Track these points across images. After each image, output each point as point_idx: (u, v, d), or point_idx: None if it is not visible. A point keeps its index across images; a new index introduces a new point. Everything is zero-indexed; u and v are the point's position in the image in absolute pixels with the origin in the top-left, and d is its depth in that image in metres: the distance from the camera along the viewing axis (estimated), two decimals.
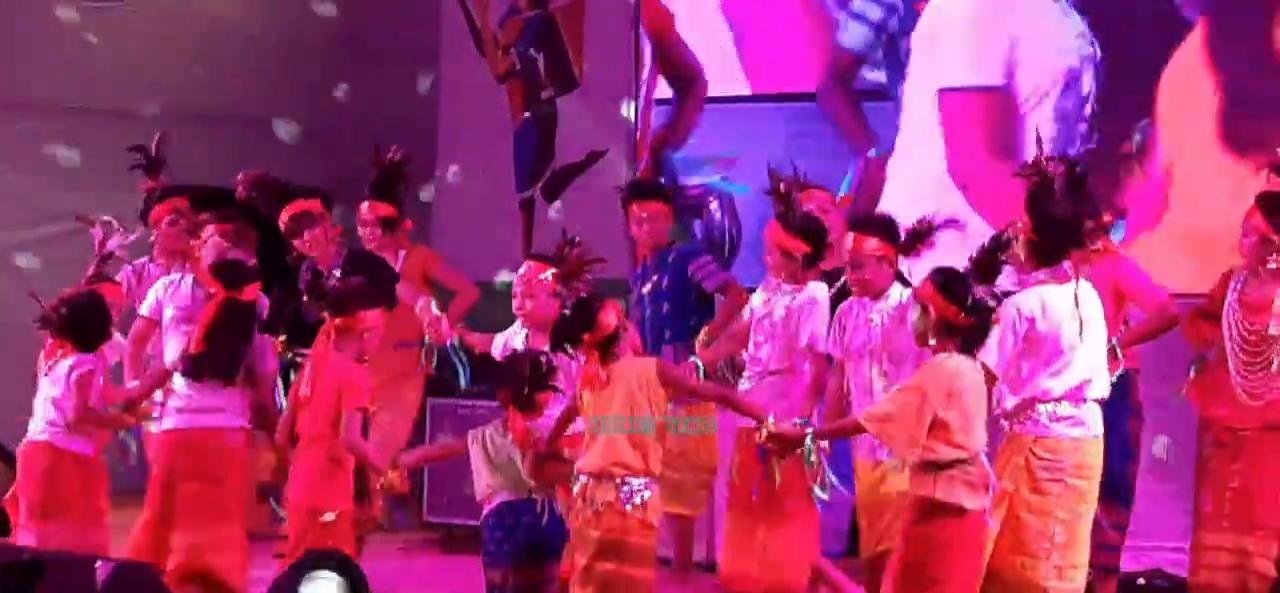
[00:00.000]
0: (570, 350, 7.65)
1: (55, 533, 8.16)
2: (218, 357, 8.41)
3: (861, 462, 8.04)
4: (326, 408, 7.95)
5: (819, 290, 8.17)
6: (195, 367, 8.43)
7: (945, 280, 7.15)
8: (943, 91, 10.91)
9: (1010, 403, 7.51)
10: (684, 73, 11.91)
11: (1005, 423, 7.56)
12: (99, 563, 7.33)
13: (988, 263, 7.19)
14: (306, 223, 9.43)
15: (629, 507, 7.46)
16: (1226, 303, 8.21)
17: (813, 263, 8.28)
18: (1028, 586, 7.47)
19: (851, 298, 8.06)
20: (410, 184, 10.18)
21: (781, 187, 8.37)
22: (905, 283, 8.00)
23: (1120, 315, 8.51)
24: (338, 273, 9.17)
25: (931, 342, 7.18)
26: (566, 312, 7.68)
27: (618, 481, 7.45)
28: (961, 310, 7.07)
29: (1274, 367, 8.10)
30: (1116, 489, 8.38)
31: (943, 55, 10.93)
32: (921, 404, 7.03)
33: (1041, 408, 7.48)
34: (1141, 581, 9.84)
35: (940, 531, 7.09)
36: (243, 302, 8.40)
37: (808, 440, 7.57)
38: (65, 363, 8.41)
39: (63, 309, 8.46)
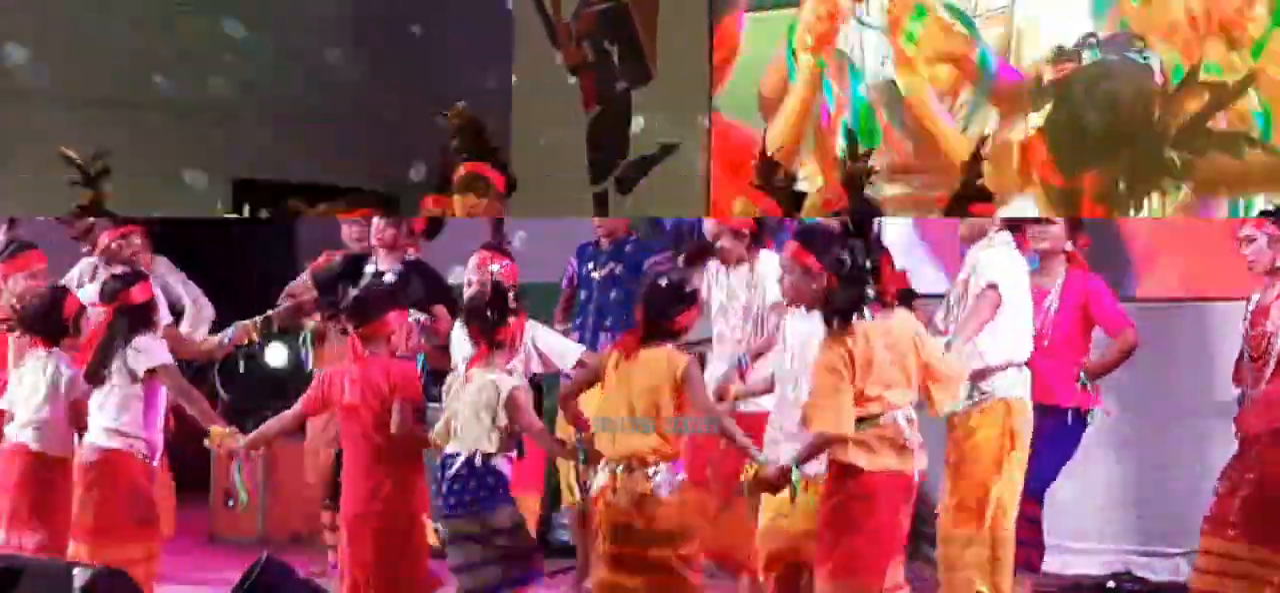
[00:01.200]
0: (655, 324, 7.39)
1: (32, 541, 8.06)
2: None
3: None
4: (373, 413, 7.80)
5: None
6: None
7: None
8: None
9: (975, 365, 7.55)
10: None
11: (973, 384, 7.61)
12: (76, 571, 7.30)
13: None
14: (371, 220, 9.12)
15: (667, 493, 7.28)
16: (1244, 327, 8.12)
17: None
18: (1004, 542, 7.73)
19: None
20: None
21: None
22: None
23: (1088, 334, 8.60)
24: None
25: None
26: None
27: (650, 469, 7.29)
28: (838, 277, 6.91)
29: (1271, 362, 7.93)
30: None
31: None
32: (832, 380, 6.87)
33: (1011, 372, 7.72)
34: (1111, 583, 9.76)
35: (839, 491, 6.97)
36: (131, 306, 8.11)
37: (793, 478, 7.16)
38: (47, 365, 8.24)
39: (18, 307, 8.38)
